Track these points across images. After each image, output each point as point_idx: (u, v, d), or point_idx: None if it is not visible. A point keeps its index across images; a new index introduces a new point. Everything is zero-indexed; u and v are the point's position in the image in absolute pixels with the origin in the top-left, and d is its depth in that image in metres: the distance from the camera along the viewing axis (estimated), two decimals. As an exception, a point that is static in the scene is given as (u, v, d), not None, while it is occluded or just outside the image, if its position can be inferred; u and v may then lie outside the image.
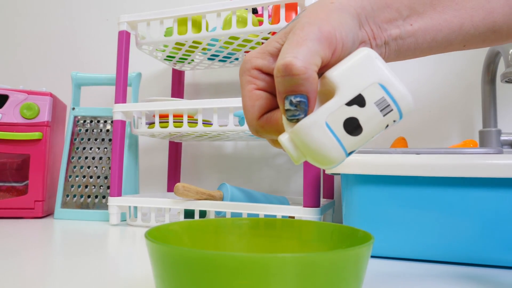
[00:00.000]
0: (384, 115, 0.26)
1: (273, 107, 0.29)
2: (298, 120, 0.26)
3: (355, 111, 0.26)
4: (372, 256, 0.52)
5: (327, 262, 0.23)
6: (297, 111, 0.26)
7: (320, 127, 0.26)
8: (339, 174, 0.54)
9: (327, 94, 0.27)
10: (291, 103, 0.26)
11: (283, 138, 0.27)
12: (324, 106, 0.26)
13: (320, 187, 0.64)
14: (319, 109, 0.26)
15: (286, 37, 0.28)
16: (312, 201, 0.63)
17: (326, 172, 0.55)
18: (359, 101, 0.26)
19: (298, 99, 0.25)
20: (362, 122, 0.26)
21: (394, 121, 0.26)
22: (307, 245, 0.37)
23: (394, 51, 0.30)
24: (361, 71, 0.26)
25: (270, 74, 0.29)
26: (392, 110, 0.26)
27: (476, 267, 0.47)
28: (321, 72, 0.27)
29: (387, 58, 0.31)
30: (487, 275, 0.44)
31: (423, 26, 0.30)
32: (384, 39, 0.29)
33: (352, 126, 0.26)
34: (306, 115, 0.26)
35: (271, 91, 0.29)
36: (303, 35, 0.25)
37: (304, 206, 0.63)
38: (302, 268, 0.22)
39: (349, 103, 0.26)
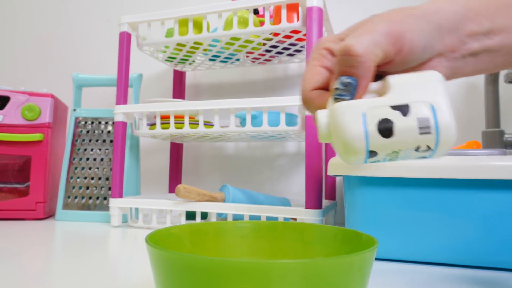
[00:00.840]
0: (420, 133, 0.26)
1: (328, 87, 0.31)
2: (342, 100, 0.27)
3: (395, 116, 0.26)
4: (375, 259, 0.52)
5: (331, 268, 0.22)
6: (344, 91, 0.27)
7: (356, 113, 0.26)
8: (341, 175, 0.53)
9: (380, 95, 0.28)
10: (341, 82, 0.27)
11: (321, 113, 0.28)
12: (370, 99, 0.27)
13: (322, 189, 0.64)
14: (363, 99, 0.27)
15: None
16: (314, 202, 0.62)
17: (328, 173, 0.54)
18: (404, 109, 0.26)
19: (348, 80, 0.27)
20: (396, 129, 0.26)
21: (427, 148, 0.26)
22: (309, 249, 0.36)
23: (470, 64, 0.30)
24: (420, 86, 0.27)
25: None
26: (430, 133, 0.26)
27: (480, 270, 0.47)
28: (383, 70, 0.29)
29: (462, 71, 0.31)
30: (491, 277, 0.43)
31: (502, 41, 0.29)
32: (463, 52, 0.29)
33: (385, 128, 0.26)
34: (351, 98, 0.27)
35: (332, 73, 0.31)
36: (370, 27, 0.27)
37: (306, 208, 0.63)
38: (305, 274, 0.22)
39: (394, 107, 0.26)
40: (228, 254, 0.37)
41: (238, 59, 0.90)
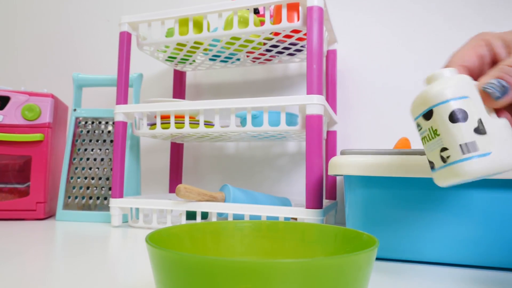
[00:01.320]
0: None
1: (475, 73, 0.35)
2: (487, 94, 0.31)
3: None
4: (375, 259, 0.52)
5: (332, 267, 0.22)
6: (497, 88, 0.30)
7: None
8: (341, 175, 0.53)
9: None
10: (500, 82, 0.30)
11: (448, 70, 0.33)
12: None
13: (323, 188, 0.64)
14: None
15: None
16: (314, 202, 0.62)
17: (329, 173, 0.54)
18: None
19: (507, 85, 0.30)
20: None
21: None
22: (310, 248, 0.36)
23: None
24: None
25: (491, 51, 0.34)
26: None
27: (481, 270, 0.47)
28: None
29: None
30: (492, 277, 0.43)
31: None
32: None
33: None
34: (499, 98, 0.30)
35: (481, 64, 0.35)
36: None
37: (306, 207, 0.62)
38: (306, 274, 0.22)
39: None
40: (229, 254, 0.37)
41: (238, 59, 0.90)
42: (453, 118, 0.30)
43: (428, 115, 0.32)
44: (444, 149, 0.30)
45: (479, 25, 0.83)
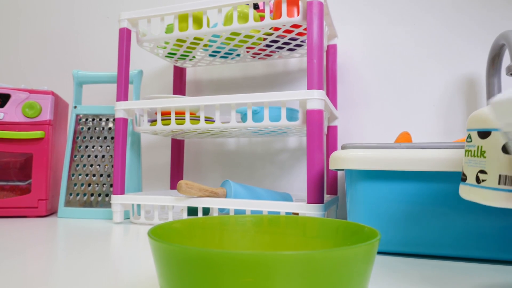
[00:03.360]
0: None
1: None
2: None
3: None
4: (377, 252, 0.52)
5: (334, 259, 0.22)
6: None
7: None
8: (343, 169, 0.53)
9: None
10: None
11: None
12: None
13: (324, 183, 0.64)
14: None
15: None
16: (315, 197, 0.62)
17: (330, 168, 0.54)
18: None
19: None
20: None
21: None
22: (311, 242, 0.36)
23: None
24: None
25: None
26: None
27: (483, 263, 0.47)
28: None
29: None
30: (493, 270, 0.43)
31: None
32: None
33: None
34: None
35: None
36: None
37: (308, 203, 0.63)
38: (308, 266, 0.22)
39: None
40: (230, 248, 0.37)
41: (238, 55, 0.90)
42: (506, 149, 0.30)
43: (484, 134, 0.31)
44: (483, 172, 0.31)
45: (478, 19, 0.83)
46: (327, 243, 0.35)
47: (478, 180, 0.31)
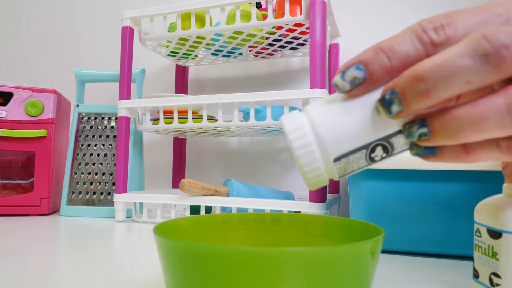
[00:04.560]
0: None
1: None
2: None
3: None
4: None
5: (339, 256, 0.22)
6: (346, 78, 0.26)
7: None
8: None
9: None
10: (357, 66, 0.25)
11: None
12: None
13: (326, 182, 0.64)
14: None
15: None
16: (318, 195, 0.62)
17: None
18: None
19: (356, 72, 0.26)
20: None
21: None
22: (315, 240, 0.36)
23: None
24: None
25: None
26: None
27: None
28: None
29: None
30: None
31: None
32: None
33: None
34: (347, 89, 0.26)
35: None
36: None
37: (310, 201, 0.63)
38: (313, 263, 0.22)
39: None
40: (234, 245, 0.37)
41: (240, 54, 0.90)
42: None
43: (495, 235, 0.29)
44: (496, 275, 0.28)
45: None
46: (331, 241, 0.35)
47: (492, 283, 0.29)
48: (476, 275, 0.31)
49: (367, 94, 0.23)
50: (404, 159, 0.48)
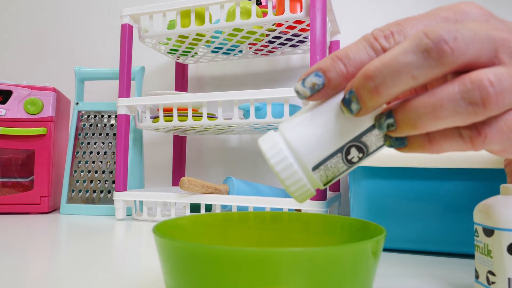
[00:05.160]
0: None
1: None
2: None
3: None
4: (380, 249, 0.52)
5: (340, 256, 0.22)
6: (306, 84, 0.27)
7: None
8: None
9: None
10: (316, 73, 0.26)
11: None
12: None
13: (327, 180, 0.64)
14: None
15: None
16: (318, 194, 0.62)
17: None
18: None
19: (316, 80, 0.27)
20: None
21: None
22: (316, 239, 0.36)
23: None
24: None
25: None
26: None
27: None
28: None
29: None
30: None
31: None
32: None
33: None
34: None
35: None
36: None
37: (310, 199, 0.62)
38: (314, 263, 0.21)
39: None
40: (235, 244, 0.37)
41: (240, 51, 0.90)
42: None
43: (488, 232, 0.29)
44: (492, 273, 0.29)
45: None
46: (331, 240, 0.35)
47: (488, 281, 0.29)
48: (477, 276, 0.31)
49: (331, 100, 0.24)
50: (404, 158, 0.47)
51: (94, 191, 0.86)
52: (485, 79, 0.20)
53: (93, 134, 0.89)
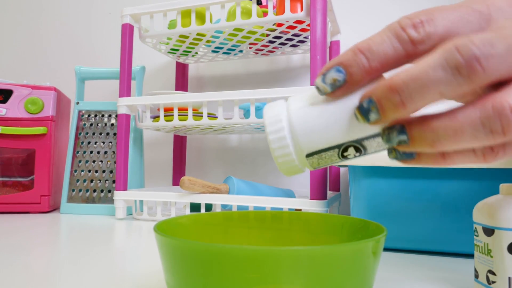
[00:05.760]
0: None
1: None
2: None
3: None
4: (380, 249, 0.52)
5: (341, 255, 0.22)
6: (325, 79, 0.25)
7: None
8: (346, 166, 0.53)
9: None
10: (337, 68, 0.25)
11: None
12: None
13: (327, 179, 0.64)
14: None
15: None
16: (319, 193, 0.62)
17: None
18: None
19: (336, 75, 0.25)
20: None
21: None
22: (316, 238, 0.36)
23: None
24: None
25: None
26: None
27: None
28: None
29: None
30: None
31: None
32: None
33: None
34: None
35: None
36: None
37: (311, 199, 0.62)
38: (315, 262, 0.22)
39: None
40: (235, 243, 0.37)
41: (241, 51, 0.90)
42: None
43: (488, 231, 0.30)
44: (492, 273, 0.29)
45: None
46: (332, 239, 0.35)
47: (488, 281, 0.29)
48: (476, 275, 0.31)
49: (346, 98, 0.23)
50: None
51: (95, 191, 0.86)
52: (507, 108, 0.19)
53: (93, 134, 0.89)
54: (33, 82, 1.25)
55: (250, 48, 0.88)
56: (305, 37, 0.80)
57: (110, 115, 0.90)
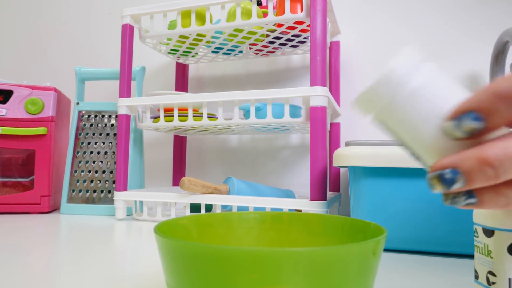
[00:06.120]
0: None
1: None
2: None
3: None
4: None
5: (341, 256, 0.22)
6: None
7: None
8: (346, 167, 0.53)
9: None
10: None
11: None
12: None
13: (327, 180, 0.64)
14: None
15: None
16: (319, 194, 0.62)
17: (334, 165, 0.54)
18: None
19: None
20: None
21: None
22: (316, 239, 0.36)
23: None
24: None
25: None
26: None
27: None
28: None
29: None
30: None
31: None
32: None
33: None
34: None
35: None
36: None
37: (311, 199, 0.62)
38: (315, 262, 0.22)
39: None
40: (235, 244, 0.37)
41: (241, 51, 0.90)
42: None
43: (488, 232, 0.30)
44: (492, 274, 0.29)
45: (481, 15, 0.82)
46: (332, 240, 0.35)
47: (488, 282, 0.29)
48: (476, 276, 0.31)
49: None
50: (404, 158, 0.47)
51: (95, 191, 0.86)
52: None
53: (93, 134, 0.89)
54: (33, 82, 1.25)
55: (250, 48, 0.88)
56: (305, 38, 0.80)
57: (110, 116, 0.90)
